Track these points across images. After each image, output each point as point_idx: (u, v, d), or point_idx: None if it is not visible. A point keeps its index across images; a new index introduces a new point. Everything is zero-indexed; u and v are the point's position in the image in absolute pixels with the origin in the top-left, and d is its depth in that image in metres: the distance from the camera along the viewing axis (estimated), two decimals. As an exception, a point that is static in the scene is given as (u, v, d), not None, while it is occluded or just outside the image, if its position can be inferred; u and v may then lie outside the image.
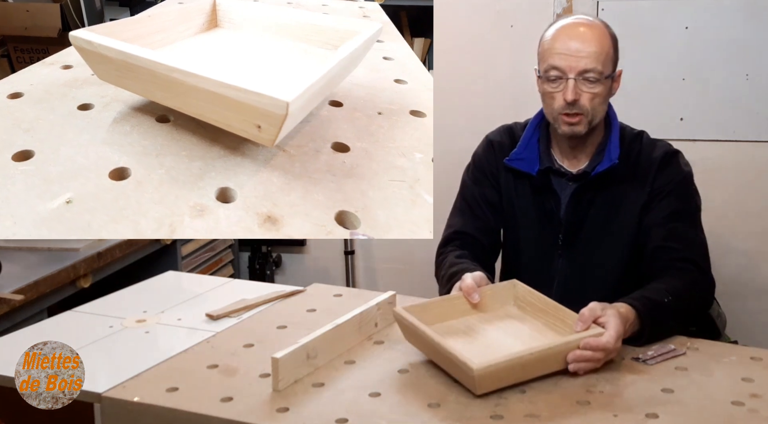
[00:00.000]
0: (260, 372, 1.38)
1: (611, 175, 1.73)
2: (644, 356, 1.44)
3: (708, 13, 2.76)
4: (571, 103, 1.66)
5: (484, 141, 1.92)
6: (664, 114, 2.78)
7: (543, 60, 1.70)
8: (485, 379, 1.28)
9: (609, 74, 1.69)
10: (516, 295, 1.57)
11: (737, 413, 1.25)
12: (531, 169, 1.79)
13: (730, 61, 2.76)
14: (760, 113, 2.76)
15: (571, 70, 1.65)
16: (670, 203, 1.72)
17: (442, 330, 1.43)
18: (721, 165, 2.81)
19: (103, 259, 2.40)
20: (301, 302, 1.76)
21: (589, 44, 1.66)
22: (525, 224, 1.81)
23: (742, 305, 2.83)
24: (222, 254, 3.29)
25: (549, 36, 1.71)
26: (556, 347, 1.35)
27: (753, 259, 2.85)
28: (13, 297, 1.99)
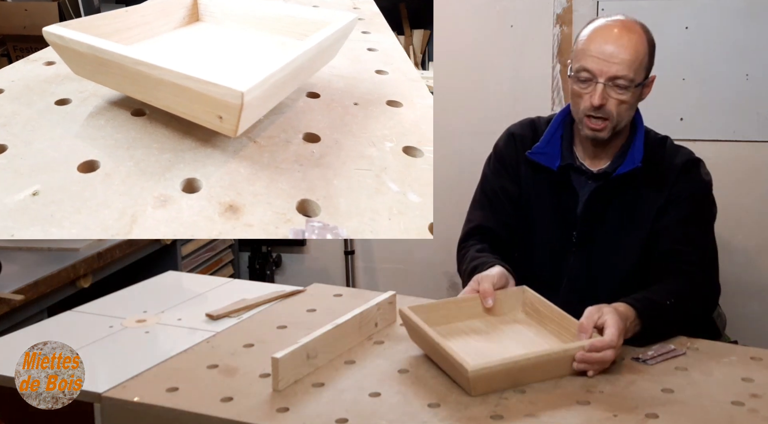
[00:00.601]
0: (260, 372, 1.38)
1: (632, 177, 1.72)
2: (644, 356, 1.44)
3: (708, 13, 2.76)
4: (598, 107, 1.65)
5: (506, 134, 1.90)
6: (664, 114, 2.77)
7: (576, 60, 1.68)
8: (479, 381, 1.28)
9: (640, 82, 1.67)
10: (524, 301, 1.57)
11: (737, 413, 1.25)
12: (552, 164, 1.78)
13: (730, 61, 2.76)
14: (760, 113, 2.76)
15: (602, 74, 1.63)
16: (686, 209, 1.71)
17: (446, 332, 1.43)
18: (721, 165, 2.80)
19: (103, 259, 2.39)
20: (301, 302, 1.76)
21: (624, 50, 1.63)
22: (541, 220, 1.80)
23: (742, 305, 2.83)
24: (222, 254, 3.28)
25: (585, 36, 1.68)
26: (554, 354, 1.35)
27: (753, 259, 2.85)
28: (13, 297, 1.99)
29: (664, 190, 1.73)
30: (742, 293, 2.84)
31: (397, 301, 1.64)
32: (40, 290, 2.12)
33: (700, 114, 2.81)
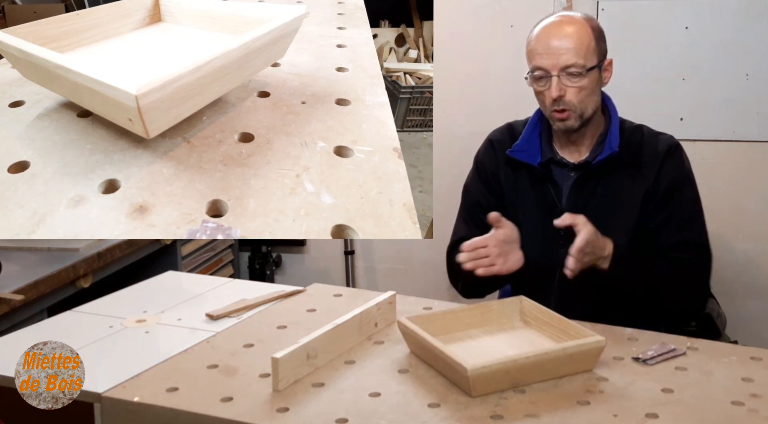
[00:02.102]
0: (260, 372, 1.38)
1: (612, 164, 1.76)
2: (644, 356, 1.44)
3: (708, 13, 2.76)
4: (557, 100, 1.70)
5: (485, 142, 1.95)
6: (664, 114, 2.78)
7: (529, 61, 1.75)
8: (479, 380, 1.28)
9: (593, 66, 1.71)
10: (522, 310, 1.57)
11: (737, 413, 1.25)
12: (532, 160, 1.82)
13: (730, 61, 2.76)
14: (760, 113, 2.76)
15: (553, 67, 1.69)
16: (683, 197, 1.76)
17: (444, 340, 1.43)
18: (721, 165, 2.81)
19: (103, 259, 2.39)
20: (301, 302, 1.76)
21: (568, 40, 1.69)
22: (527, 216, 1.82)
23: (742, 305, 2.83)
24: (222, 254, 3.29)
25: (532, 37, 1.75)
26: (553, 353, 1.35)
27: (753, 259, 2.85)
28: (13, 297, 1.99)
29: (648, 176, 1.76)
30: (742, 293, 2.84)
31: (397, 301, 1.64)
32: (40, 290, 2.12)
33: (700, 114, 2.82)
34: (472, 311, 1.56)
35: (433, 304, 1.73)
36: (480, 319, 1.55)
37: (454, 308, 1.59)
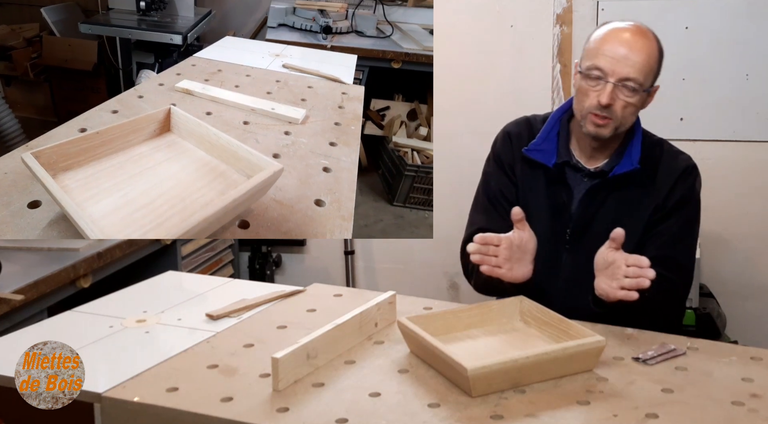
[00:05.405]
0: (260, 372, 1.38)
1: (629, 178, 1.75)
2: (644, 356, 1.44)
3: (708, 13, 2.76)
4: (605, 107, 1.67)
5: (502, 133, 1.92)
6: (664, 114, 2.78)
7: (588, 58, 1.71)
8: (479, 381, 1.28)
9: (648, 88, 1.70)
10: (522, 310, 1.57)
11: (737, 413, 1.25)
12: (548, 161, 1.80)
13: (730, 61, 2.77)
14: (760, 113, 2.76)
15: (613, 74, 1.66)
16: (684, 216, 1.76)
17: (444, 340, 1.43)
18: (721, 165, 2.82)
19: (103, 259, 2.40)
20: (301, 302, 1.76)
21: (637, 53, 1.66)
22: (536, 216, 1.81)
23: (742, 305, 2.84)
24: (222, 254, 3.29)
25: (599, 36, 1.72)
26: (553, 353, 1.35)
27: (753, 259, 2.85)
28: (13, 297, 1.99)
29: (661, 191, 1.75)
30: (742, 293, 2.84)
31: (397, 301, 1.64)
32: (40, 290, 2.12)
33: (700, 114, 2.82)
34: (472, 311, 1.56)
35: (433, 304, 1.73)
36: (480, 319, 1.56)
37: (454, 308, 1.60)
